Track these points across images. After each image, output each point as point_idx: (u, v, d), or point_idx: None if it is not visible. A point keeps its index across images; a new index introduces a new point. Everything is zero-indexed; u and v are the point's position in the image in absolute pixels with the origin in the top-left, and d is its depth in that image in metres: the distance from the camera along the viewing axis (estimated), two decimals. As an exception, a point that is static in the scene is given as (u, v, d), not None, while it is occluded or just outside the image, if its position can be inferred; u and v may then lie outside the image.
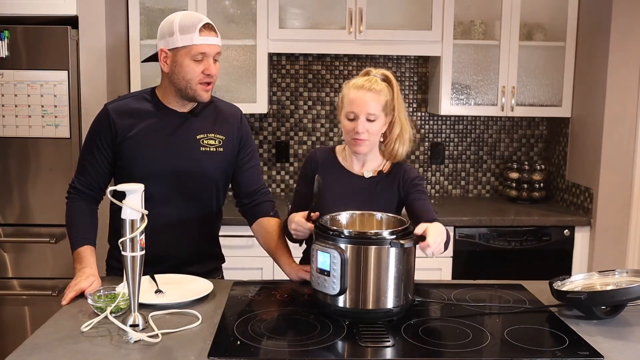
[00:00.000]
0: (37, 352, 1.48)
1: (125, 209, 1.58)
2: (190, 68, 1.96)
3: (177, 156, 2.03)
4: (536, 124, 3.91)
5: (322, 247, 1.68)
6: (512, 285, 2.03)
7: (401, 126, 2.04)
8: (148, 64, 2.30)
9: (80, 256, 1.96)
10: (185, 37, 1.94)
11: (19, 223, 3.02)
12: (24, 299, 3.05)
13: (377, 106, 1.97)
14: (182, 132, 2.05)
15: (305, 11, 3.50)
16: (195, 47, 1.94)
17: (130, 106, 2.06)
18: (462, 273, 3.28)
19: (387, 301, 1.68)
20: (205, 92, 2.01)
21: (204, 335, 1.58)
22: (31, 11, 2.98)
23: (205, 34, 1.95)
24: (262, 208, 2.18)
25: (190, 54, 1.95)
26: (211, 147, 2.07)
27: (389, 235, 1.67)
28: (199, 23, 1.95)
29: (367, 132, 1.97)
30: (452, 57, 3.50)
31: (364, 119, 1.97)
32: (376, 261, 1.66)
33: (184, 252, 2.10)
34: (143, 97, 2.09)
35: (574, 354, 1.50)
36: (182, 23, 1.95)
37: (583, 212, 3.43)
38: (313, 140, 3.85)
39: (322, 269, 1.68)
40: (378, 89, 1.98)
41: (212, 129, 2.09)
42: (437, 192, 3.93)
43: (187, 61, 1.96)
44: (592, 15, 3.39)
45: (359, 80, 2.01)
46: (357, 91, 1.98)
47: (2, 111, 2.95)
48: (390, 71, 2.07)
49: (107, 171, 2.08)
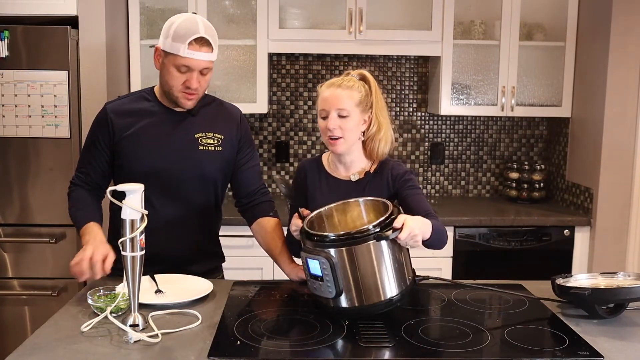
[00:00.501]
0: (37, 352, 1.48)
1: (125, 209, 1.58)
2: (172, 75, 1.96)
3: (175, 155, 2.04)
4: (536, 124, 3.91)
5: (309, 254, 1.68)
6: (512, 285, 2.02)
7: (378, 124, 2.00)
8: (149, 63, 2.31)
9: (87, 230, 1.94)
10: (175, 45, 1.92)
11: (19, 223, 3.02)
12: (24, 299, 3.05)
13: (348, 102, 1.93)
14: (181, 131, 2.06)
15: (305, 11, 3.50)
16: (180, 58, 1.93)
17: (128, 106, 2.07)
18: (462, 273, 3.28)
19: (386, 291, 1.68)
20: (187, 101, 2.01)
21: (204, 335, 1.58)
22: (31, 11, 2.98)
23: (194, 48, 1.92)
24: (262, 208, 2.18)
25: (174, 63, 1.94)
26: (209, 146, 2.07)
27: (372, 229, 1.66)
28: (191, 36, 1.91)
29: (340, 128, 1.93)
30: (452, 57, 3.50)
31: (335, 115, 1.92)
32: (366, 257, 1.66)
33: (183, 251, 2.10)
34: (142, 97, 2.10)
35: (574, 354, 1.50)
36: (177, 30, 1.93)
37: (583, 212, 3.43)
38: (313, 141, 3.85)
39: (315, 275, 1.68)
40: (350, 85, 1.95)
41: (211, 128, 2.09)
42: (437, 192, 3.93)
43: (172, 68, 1.96)
44: (592, 15, 3.39)
45: (332, 79, 2.00)
46: (328, 88, 1.96)
47: (2, 111, 2.95)
48: (368, 71, 2.06)
49: (106, 171, 2.09)
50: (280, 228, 2.15)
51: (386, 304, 1.69)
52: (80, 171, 2.11)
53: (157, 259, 1.96)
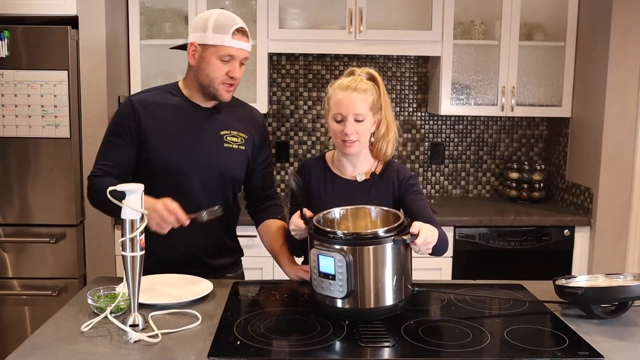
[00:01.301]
0: (37, 352, 1.48)
1: (125, 209, 1.58)
2: (215, 67, 1.99)
3: (200, 151, 2.04)
4: (536, 124, 3.91)
5: (323, 250, 1.66)
6: (512, 285, 2.02)
7: (387, 124, 2.02)
8: (149, 63, 2.31)
9: None
10: (218, 36, 1.96)
11: (19, 223, 3.02)
12: (24, 299, 3.05)
13: (364, 106, 1.94)
14: (207, 127, 2.07)
15: (305, 11, 3.51)
16: (225, 48, 1.97)
17: (155, 99, 2.07)
18: (462, 273, 3.28)
19: (395, 296, 1.68)
20: (226, 93, 2.03)
21: (204, 335, 1.58)
22: (31, 11, 2.98)
23: (237, 37, 1.98)
24: (271, 211, 2.22)
25: (218, 53, 1.97)
26: (234, 144, 2.09)
27: (389, 233, 1.66)
28: (233, 26, 1.97)
29: (356, 132, 1.94)
30: (452, 57, 3.50)
31: (352, 120, 1.94)
32: (382, 259, 1.65)
33: (206, 246, 2.12)
34: (168, 91, 2.10)
35: (574, 354, 1.50)
36: (217, 22, 1.97)
37: (583, 212, 3.43)
38: (313, 140, 3.85)
39: (326, 273, 1.66)
40: (364, 88, 1.96)
41: (236, 127, 2.12)
42: (437, 192, 3.93)
43: (214, 59, 1.98)
44: (592, 15, 3.39)
45: (344, 80, 1.99)
46: (343, 92, 1.95)
47: (2, 111, 2.95)
48: (375, 69, 2.06)
49: (132, 162, 2.04)
50: (284, 229, 2.16)
51: (391, 309, 1.69)
52: (101, 163, 2.02)
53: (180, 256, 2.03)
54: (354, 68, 2.05)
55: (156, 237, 1.80)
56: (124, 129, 2.02)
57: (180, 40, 3.38)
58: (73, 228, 3.03)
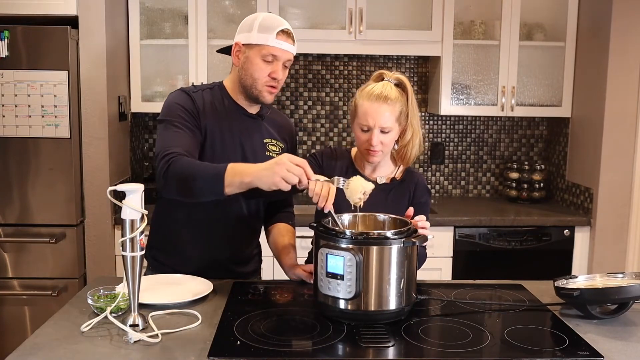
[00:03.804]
0: (37, 352, 1.48)
1: (125, 208, 1.58)
2: (259, 67, 1.97)
3: (245, 157, 2.02)
4: (536, 124, 3.91)
5: (333, 250, 1.65)
6: (512, 285, 2.02)
7: (413, 132, 2.03)
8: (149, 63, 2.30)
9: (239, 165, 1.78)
10: (262, 36, 1.95)
11: (19, 223, 3.02)
12: (24, 299, 3.05)
13: (391, 118, 1.95)
14: (253, 134, 2.07)
15: (305, 11, 3.51)
16: (268, 47, 1.95)
17: (206, 97, 2.03)
18: (462, 273, 3.28)
19: (400, 300, 1.67)
20: (269, 94, 2.01)
21: (204, 335, 1.58)
22: (31, 11, 2.98)
23: (282, 38, 1.97)
24: (284, 216, 2.23)
25: (261, 53, 1.96)
26: (273, 153, 2.08)
27: (400, 234, 1.66)
28: (278, 26, 1.96)
29: (381, 143, 1.97)
30: (452, 57, 3.50)
31: (378, 132, 1.95)
32: (392, 261, 1.65)
33: (237, 253, 2.14)
34: (217, 90, 2.07)
35: (574, 354, 1.50)
36: (263, 22, 1.97)
37: (583, 212, 3.43)
38: (313, 140, 3.85)
39: (334, 273, 1.64)
40: (393, 98, 1.95)
41: (276, 135, 2.12)
42: (437, 192, 3.93)
43: (257, 59, 1.97)
44: (592, 15, 3.39)
45: (374, 88, 1.97)
46: (372, 103, 1.95)
47: (2, 111, 2.95)
48: (404, 75, 2.05)
49: (197, 142, 1.95)
50: (292, 232, 2.19)
51: (397, 313, 1.68)
52: (171, 145, 1.86)
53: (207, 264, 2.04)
54: (383, 71, 2.04)
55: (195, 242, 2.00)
56: (186, 112, 1.95)
57: (180, 40, 3.39)
58: (73, 228, 3.03)
